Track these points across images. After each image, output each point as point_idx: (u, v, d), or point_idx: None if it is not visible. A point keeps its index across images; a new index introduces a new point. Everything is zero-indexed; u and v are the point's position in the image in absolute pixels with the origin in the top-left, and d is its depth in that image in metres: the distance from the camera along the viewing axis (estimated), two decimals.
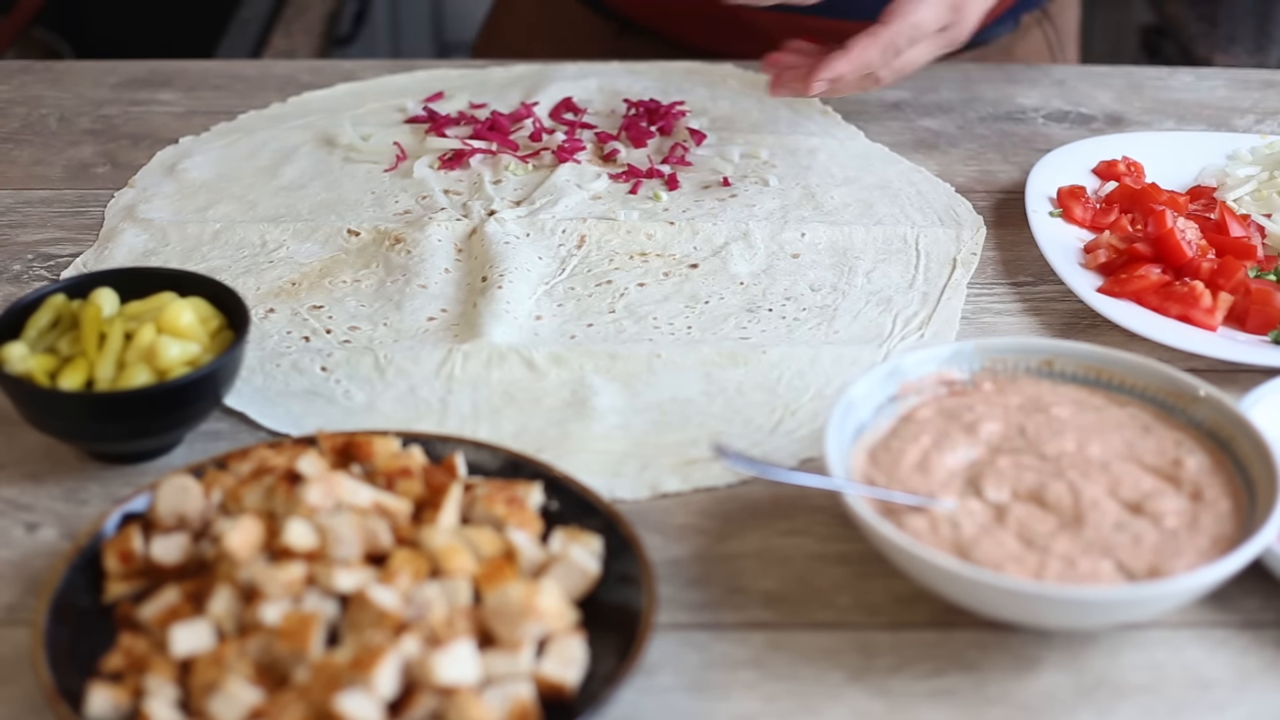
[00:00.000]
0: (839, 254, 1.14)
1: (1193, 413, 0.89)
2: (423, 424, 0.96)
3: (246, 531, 0.78)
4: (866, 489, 0.84)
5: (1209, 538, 0.81)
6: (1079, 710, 0.78)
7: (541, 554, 0.81)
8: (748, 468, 0.84)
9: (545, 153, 1.26)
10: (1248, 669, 0.81)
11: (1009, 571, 0.79)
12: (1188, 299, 1.05)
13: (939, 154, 1.29)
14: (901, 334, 1.05)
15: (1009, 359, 0.93)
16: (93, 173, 1.25)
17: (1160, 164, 1.23)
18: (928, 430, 0.88)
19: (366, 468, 0.85)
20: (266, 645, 0.74)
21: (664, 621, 0.83)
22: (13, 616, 0.83)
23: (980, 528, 0.82)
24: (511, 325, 1.05)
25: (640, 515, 0.90)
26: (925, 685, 0.80)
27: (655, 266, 1.12)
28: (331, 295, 1.09)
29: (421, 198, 1.20)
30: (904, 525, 0.82)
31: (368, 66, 1.44)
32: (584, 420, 0.97)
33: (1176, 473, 0.85)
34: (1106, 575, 0.79)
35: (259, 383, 0.99)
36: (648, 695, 0.79)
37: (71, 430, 0.91)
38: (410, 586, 0.76)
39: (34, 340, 0.92)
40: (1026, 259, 1.15)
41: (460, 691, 0.72)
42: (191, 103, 1.37)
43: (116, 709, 0.73)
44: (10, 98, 1.37)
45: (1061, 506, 0.83)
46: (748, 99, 1.36)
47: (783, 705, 0.78)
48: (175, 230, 1.16)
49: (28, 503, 0.91)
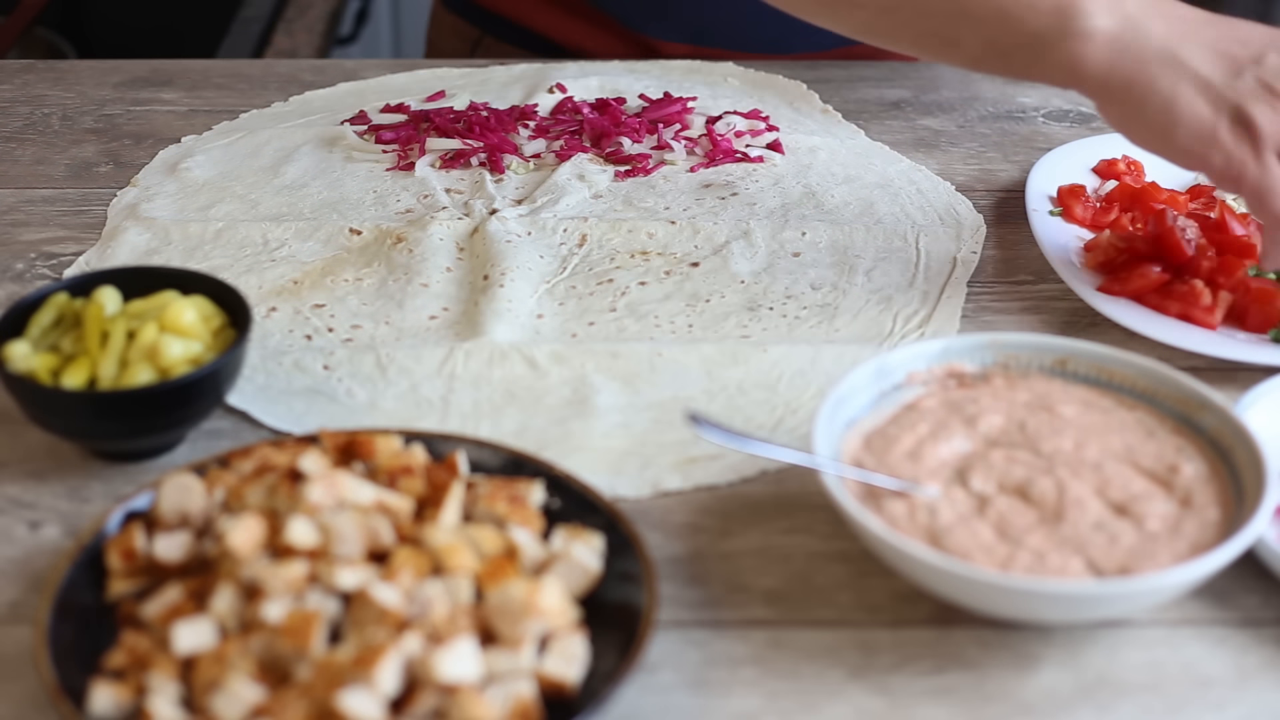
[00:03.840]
0: (840, 252, 1.14)
1: (1198, 420, 0.89)
2: (424, 422, 0.97)
3: (249, 529, 0.78)
4: (844, 468, 0.84)
5: (1189, 543, 0.81)
6: (1079, 708, 0.79)
7: (543, 552, 0.81)
8: (722, 438, 0.84)
9: (547, 152, 1.26)
10: (1247, 667, 0.81)
11: (976, 561, 0.79)
12: (1187, 297, 1.05)
13: (939, 153, 1.29)
14: (902, 332, 1.05)
15: (1023, 355, 0.93)
16: (95, 172, 1.25)
17: (1160, 163, 1.22)
18: (927, 420, 0.89)
19: (368, 466, 0.85)
20: (269, 643, 0.74)
21: (665, 619, 0.83)
22: (15, 614, 0.83)
23: (958, 517, 0.82)
24: (513, 324, 1.05)
25: (641, 513, 0.90)
26: (925, 683, 0.80)
27: (656, 265, 1.12)
28: (333, 294, 1.09)
29: (423, 196, 1.21)
30: (883, 510, 0.83)
31: (369, 66, 1.44)
32: (585, 418, 0.97)
33: (1171, 478, 0.85)
34: (1074, 571, 0.79)
35: (261, 381, 1.00)
36: (649, 693, 0.79)
37: (74, 428, 0.91)
38: (412, 584, 0.76)
39: (37, 339, 0.92)
40: (1027, 258, 1.15)
41: (462, 689, 0.72)
42: (194, 102, 1.37)
43: (119, 706, 0.74)
44: (13, 97, 1.37)
45: (1044, 502, 0.83)
46: (748, 98, 1.36)
47: (783, 703, 0.79)
48: (177, 229, 1.16)
49: (31, 501, 0.91)
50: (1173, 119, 0.99)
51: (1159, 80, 0.99)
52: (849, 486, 0.84)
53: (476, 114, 1.30)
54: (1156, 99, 0.99)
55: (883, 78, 1.42)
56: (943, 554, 0.80)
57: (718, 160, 1.26)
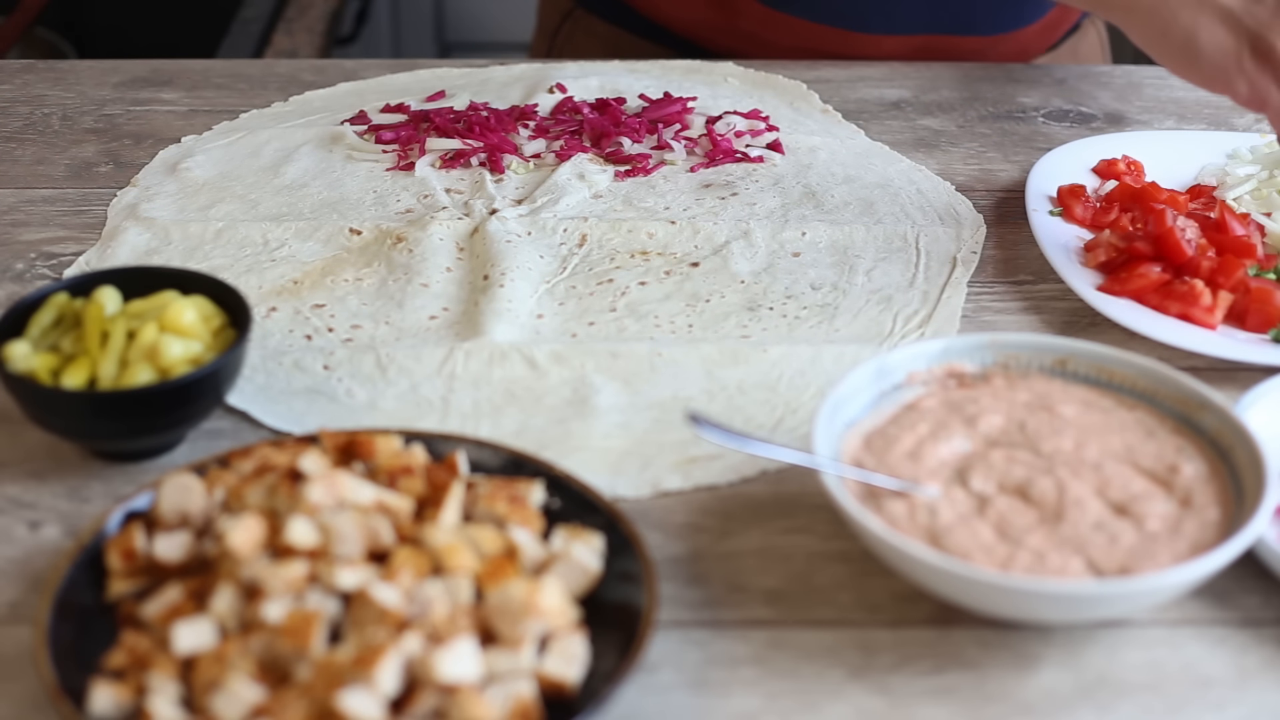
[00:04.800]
0: (840, 252, 1.14)
1: (1199, 420, 0.89)
2: (424, 422, 0.97)
3: (249, 529, 0.78)
4: (844, 468, 0.84)
5: (1189, 543, 0.81)
6: (1079, 708, 0.79)
7: (543, 552, 0.81)
8: (722, 438, 0.84)
9: (547, 152, 1.26)
10: (1247, 667, 0.81)
11: (976, 561, 0.79)
12: (1187, 297, 1.05)
13: (939, 153, 1.29)
14: (902, 332, 1.05)
15: (1023, 355, 0.93)
16: (95, 172, 1.25)
17: (1160, 163, 1.23)
18: (927, 419, 0.89)
19: (368, 466, 0.85)
20: (269, 643, 0.74)
21: (665, 619, 0.83)
22: (15, 614, 0.83)
23: (959, 517, 0.82)
24: (513, 324, 1.05)
25: (641, 513, 0.90)
26: (926, 683, 0.80)
27: (656, 265, 1.12)
28: (333, 294, 1.09)
29: (423, 196, 1.21)
30: (883, 509, 0.83)
31: (369, 66, 1.44)
32: (585, 418, 0.97)
33: (1171, 478, 0.85)
34: (1074, 571, 0.79)
35: (261, 381, 1.00)
36: (649, 693, 0.79)
37: (74, 428, 0.91)
38: (412, 584, 0.76)
39: (37, 339, 0.92)
40: (1027, 257, 1.15)
41: (462, 689, 0.72)
42: (194, 102, 1.37)
43: (119, 706, 0.74)
44: (13, 97, 1.38)
45: (1045, 502, 0.83)
46: (748, 98, 1.36)
47: (783, 703, 0.79)
48: (178, 229, 1.16)
49: (30, 500, 0.91)
50: (1195, 48, 1.03)
51: (1181, 10, 1.04)
52: (849, 486, 0.84)
53: (476, 114, 1.30)
54: (1178, 28, 1.04)
55: (883, 78, 1.42)
56: (943, 554, 0.80)
57: (718, 160, 1.26)
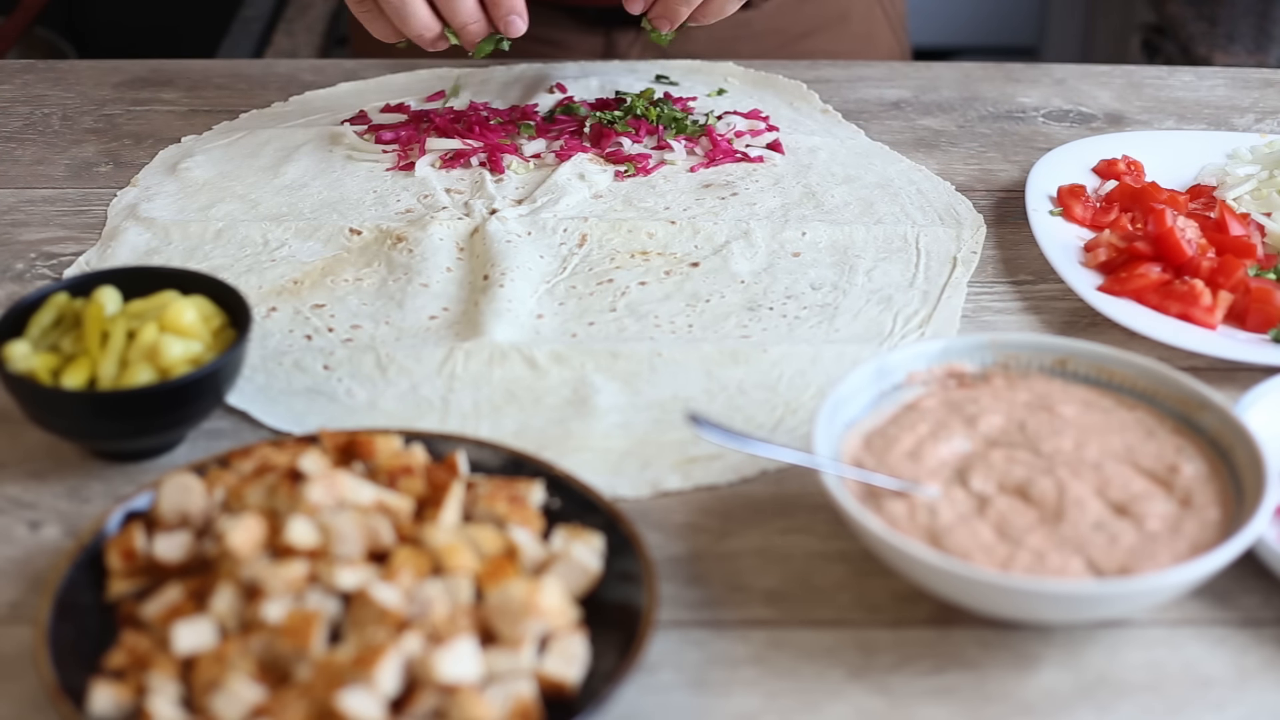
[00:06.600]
0: (840, 252, 1.14)
1: (1198, 420, 0.89)
2: (424, 422, 0.97)
3: (249, 529, 0.78)
4: (844, 469, 0.84)
5: (1189, 543, 0.81)
6: (1079, 708, 0.79)
7: (543, 552, 0.81)
8: (722, 438, 0.84)
9: (547, 152, 1.26)
10: (1247, 667, 0.81)
11: (976, 561, 0.79)
12: (1188, 298, 1.05)
13: (939, 153, 1.30)
14: (902, 332, 1.05)
15: (1023, 355, 0.93)
16: (95, 172, 1.25)
17: (1160, 163, 1.23)
18: (927, 420, 0.89)
19: (368, 466, 0.85)
20: (269, 643, 0.74)
21: (665, 619, 0.83)
22: (16, 614, 0.83)
23: (959, 517, 0.82)
24: (513, 324, 1.05)
25: (641, 513, 0.90)
26: (926, 683, 0.80)
27: (656, 265, 1.12)
28: (333, 294, 1.09)
29: (423, 196, 1.21)
30: (883, 509, 0.83)
31: (369, 66, 1.44)
32: (585, 418, 0.97)
33: (1171, 478, 0.85)
34: (1074, 571, 0.79)
35: (261, 381, 1.00)
36: (649, 693, 0.79)
37: (74, 429, 0.91)
38: (412, 584, 0.76)
39: (37, 339, 0.92)
40: (1027, 258, 1.15)
41: (462, 689, 0.72)
42: (194, 102, 1.37)
43: (119, 706, 0.74)
44: (13, 97, 1.38)
45: (1045, 502, 0.83)
46: (748, 98, 1.36)
47: (783, 703, 0.79)
48: (177, 229, 1.16)
49: (31, 500, 0.91)
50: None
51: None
52: (849, 486, 0.84)
53: (476, 114, 1.30)
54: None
55: (883, 78, 1.42)
56: (943, 554, 0.80)
57: (718, 160, 1.26)
